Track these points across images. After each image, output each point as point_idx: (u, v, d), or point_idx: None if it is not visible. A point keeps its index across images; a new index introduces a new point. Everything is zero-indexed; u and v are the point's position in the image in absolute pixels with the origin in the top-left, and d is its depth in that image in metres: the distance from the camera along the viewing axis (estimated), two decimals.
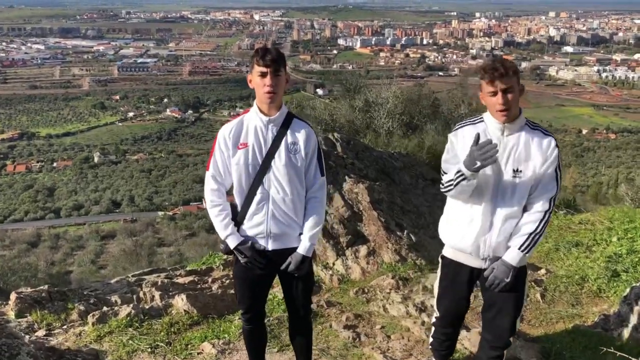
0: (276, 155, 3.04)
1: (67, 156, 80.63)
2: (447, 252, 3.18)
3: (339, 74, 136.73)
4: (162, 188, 63.96)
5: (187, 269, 7.36)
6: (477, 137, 2.79)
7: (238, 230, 3.10)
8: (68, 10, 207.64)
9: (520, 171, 2.89)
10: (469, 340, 3.94)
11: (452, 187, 2.91)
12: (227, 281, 6.18)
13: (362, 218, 5.68)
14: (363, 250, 5.55)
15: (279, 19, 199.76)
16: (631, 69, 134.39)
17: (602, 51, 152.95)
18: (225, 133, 3.07)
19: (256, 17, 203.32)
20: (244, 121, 3.09)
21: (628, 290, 4.30)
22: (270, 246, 3.11)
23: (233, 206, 3.12)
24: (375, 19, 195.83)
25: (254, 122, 3.07)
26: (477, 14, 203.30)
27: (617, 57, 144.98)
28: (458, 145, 2.97)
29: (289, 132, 3.08)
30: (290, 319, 3.37)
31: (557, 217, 7.10)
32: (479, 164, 2.75)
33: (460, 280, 3.10)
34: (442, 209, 3.23)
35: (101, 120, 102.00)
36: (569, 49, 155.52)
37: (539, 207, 2.90)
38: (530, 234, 2.88)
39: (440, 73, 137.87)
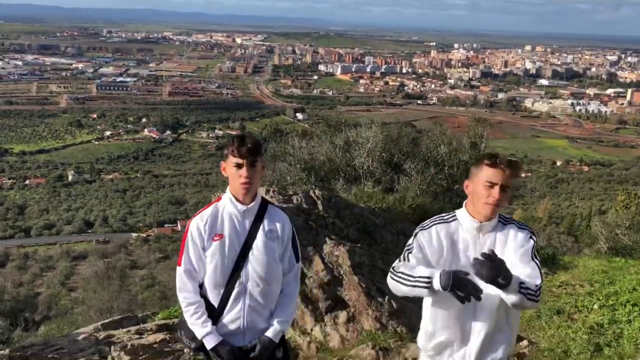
0: (254, 245, 2.91)
1: (41, 174, 79.34)
2: None
3: (319, 99, 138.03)
4: (137, 209, 63.19)
5: (158, 321, 7.08)
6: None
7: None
8: (48, 27, 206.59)
9: None
10: None
11: (404, 283, 2.65)
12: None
13: (343, 283, 5.54)
14: (342, 316, 5.39)
15: (261, 43, 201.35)
16: (604, 103, 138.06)
17: (575, 85, 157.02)
18: (199, 224, 2.90)
19: (238, 40, 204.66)
20: (218, 210, 2.94)
21: None
22: (247, 341, 2.94)
23: (206, 301, 2.95)
24: (356, 46, 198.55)
25: (229, 210, 2.92)
26: (456, 45, 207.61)
27: (590, 91, 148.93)
28: (430, 244, 2.75)
29: (265, 219, 2.97)
30: None
31: None
32: (457, 291, 2.48)
33: None
34: None
35: (77, 139, 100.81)
36: (544, 82, 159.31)
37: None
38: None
39: (419, 101, 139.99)
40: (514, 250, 2.71)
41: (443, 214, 2.87)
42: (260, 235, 2.92)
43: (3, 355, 4.99)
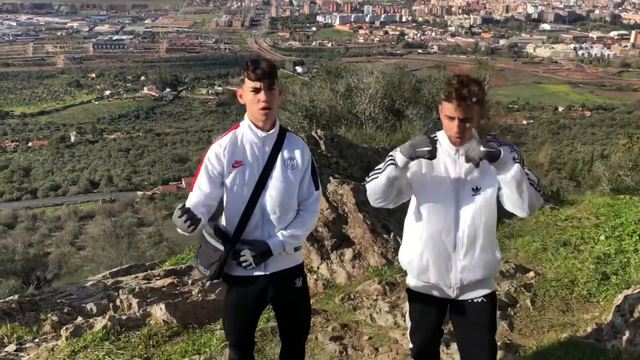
0: (273, 173, 2.86)
1: (43, 135, 79.14)
2: (411, 283, 2.95)
3: (318, 51, 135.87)
4: (141, 168, 63.33)
5: (166, 267, 7.13)
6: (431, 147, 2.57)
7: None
8: None
9: (480, 188, 2.70)
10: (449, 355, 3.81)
11: (378, 174, 2.70)
12: (208, 283, 5.98)
13: (348, 220, 5.52)
14: (348, 253, 5.39)
15: None
16: (607, 46, 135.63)
17: (578, 29, 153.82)
18: (218, 151, 2.83)
19: None
20: (237, 137, 2.87)
21: (621, 298, 4.21)
22: (267, 270, 2.91)
23: (223, 232, 2.88)
24: None
25: (248, 137, 2.86)
26: None
27: (593, 34, 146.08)
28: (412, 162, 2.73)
29: (284, 147, 2.91)
30: (283, 348, 3.19)
31: (544, 213, 7.02)
32: (416, 151, 2.54)
33: (430, 313, 2.90)
34: None
35: (77, 99, 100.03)
36: (547, 26, 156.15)
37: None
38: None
39: (419, 50, 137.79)
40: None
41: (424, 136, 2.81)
42: (279, 163, 2.87)
43: (12, 300, 5.03)
